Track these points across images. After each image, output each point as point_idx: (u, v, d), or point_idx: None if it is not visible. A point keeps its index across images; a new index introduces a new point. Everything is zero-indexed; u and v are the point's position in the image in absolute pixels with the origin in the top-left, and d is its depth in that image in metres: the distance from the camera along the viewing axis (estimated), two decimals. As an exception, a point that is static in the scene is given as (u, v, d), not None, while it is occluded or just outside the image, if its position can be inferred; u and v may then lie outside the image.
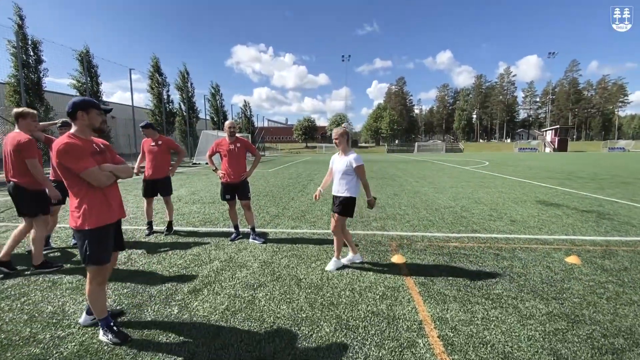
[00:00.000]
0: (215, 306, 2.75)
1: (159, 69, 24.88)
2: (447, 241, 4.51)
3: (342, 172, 3.50)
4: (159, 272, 3.47)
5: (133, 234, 4.97)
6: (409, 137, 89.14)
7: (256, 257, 3.90)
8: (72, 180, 2.11)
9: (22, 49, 13.82)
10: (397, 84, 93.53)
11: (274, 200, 7.72)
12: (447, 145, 62.62)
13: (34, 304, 2.80)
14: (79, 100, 2.18)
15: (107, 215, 2.21)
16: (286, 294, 2.95)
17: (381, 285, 3.12)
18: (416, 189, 9.52)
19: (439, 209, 6.63)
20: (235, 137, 4.54)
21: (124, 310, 2.68)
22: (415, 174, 14.16)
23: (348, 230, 3.78)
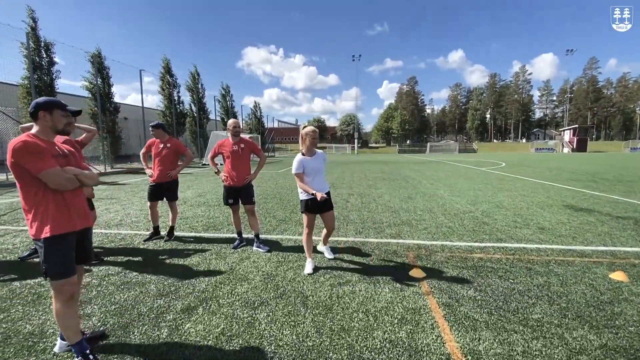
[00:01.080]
0: (210, 329, 2.41)
1: (169, 70, 24.98)
2: (470, 252, 4.07)
3: (323, 170, 3.61)
4: (152, 285, 3.16)
5: (132, 240, 4.71)
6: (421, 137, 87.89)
7: (259, 269, 3.56)
8: (27, 183, 1.90)
9: (35, 51, 13.94)
10: (409, 84, 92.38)
11: (281, 203, 7.39)
12: (460, 146, 61.26)
13: (12, 322, 2.52)
14: (42, 100, 2.01)
15: (65, 222, 1.97)
16: (290, 315, 2.59)
17: (399, 306, 2.72)
18: (431, 191, 9.04)
19: (458, 214, 6.16)
20: (239, 138, 4.24)
21: (107, 332, 2.37)
22: (429, 176, 13.62)
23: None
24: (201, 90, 29.01)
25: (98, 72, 17.71)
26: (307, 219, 3.54)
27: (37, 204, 1.92)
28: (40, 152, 1.88)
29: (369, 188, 9.81)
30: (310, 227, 3.58)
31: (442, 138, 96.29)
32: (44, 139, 1.98)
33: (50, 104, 2.01)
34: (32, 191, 1.91)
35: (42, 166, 1.86)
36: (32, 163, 1.84)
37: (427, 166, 20.10)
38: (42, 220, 1.92)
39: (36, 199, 1.92)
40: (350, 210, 6.54)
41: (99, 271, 3.54)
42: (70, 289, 2.00)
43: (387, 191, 9.12)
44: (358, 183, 11.05)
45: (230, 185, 4.20)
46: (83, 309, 2.70)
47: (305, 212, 3.51)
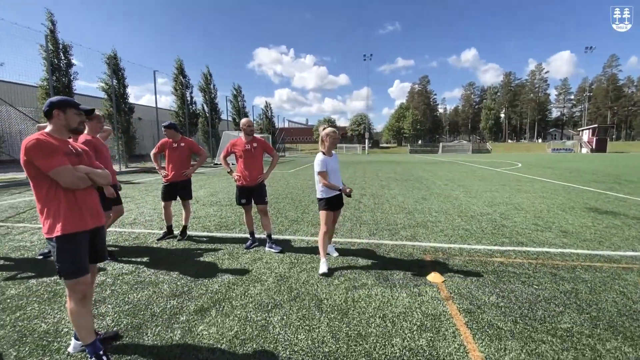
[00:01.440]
0: (223, 332, 2.36)
1: (182, 71, 25.31)
2: (490, 255, 3.91)
3: (339, 170, 3.72)
4: (165, 285, 3.14)
5: (146, 239, 4.73)
6: (433, 137, 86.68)
7: (272, 270, 3.50)
8: (39, 182, 1.90)
9: (54, 53, 14.31)
10: (421, 83, 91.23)
11: (293, 203, 7.33)
12: (474, 146, 60.17)
13: (28, 320, 2.53)
14: (56, 99, 2.03)
15: (77, 221, 1.96)
16: (305, 319, 2.52)
17: (418, 312, 2.61)
18: (446, 192, 8.83)
19: (475, 216, 5.97)
20: (252, 137, 4.18)
21: (120, 332, 2.35)
22: (442, 176, 13.35)
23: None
24: (213, 91, 29.31)
25: (114, 73, 18.08)
26: (326, 218, 3.55)
27: (49, 203, 1.92)
28: (52, 150, 1.87)
29: (381, 189, 9.67)
30: (328, 226, 3.61)
31: (454, 138, 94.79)
32: (57, 137, 1.99)
33: (64, 102, 2.02)
34: (43, 189, 1.91)
35: (53, 164, 1.85)
36: (44, 161, 1.83)
37: (440, 167, 19.75)
38: (54, 218, 1.91)
39: (48, 198, 1.91)
40: (363, 211, 6.43)
41: (113, 270, 3.55)
42: (83, 288, 1.98)
43: (401, 192, 8.96)
44: (370, 183, 10.91)
45: (243, 185, 4.15)
46: (97, 308, 2.69)
47: (324, 210, 3.54)
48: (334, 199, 3.61)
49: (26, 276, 3.38)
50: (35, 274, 3.41)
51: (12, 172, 14.14)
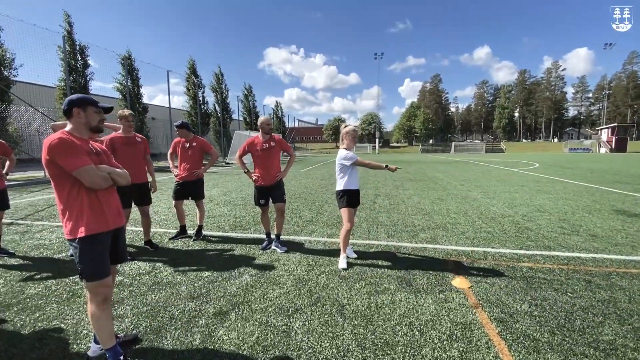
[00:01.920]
0: (244, 337, 2.28)
1: (195, 71, 25.56)
2: (517, 260, 3.73)
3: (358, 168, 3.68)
4: (183, 286, 3.09)
5: (161, 238, 4.71)
6: (445, 136, 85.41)
7: (290, 272, 3.41)
8: (62, 182, 1.85)
9: (71, 54, 14.60)
10: (432, 82, 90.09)
11: (307, 203, 7.24)
12: (487, 145, 59.05)
13: (47, 321, 2.50)
14: (76, 97, 1.97)
15: (99, 222, 1.91)
16: (328, 326, 2.42)
17: (446, 320, 2.48)
18: (463, 193, 8.60)
19: (496, 217, 5.76)
20: (270, 135, 4.09)
21: (140, 336, 2.29)
22: (458, 176, 13.06)
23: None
24: (225, 91, 29.53)
25: (128, 73, 18.35)
26: (349, 214, 3.55)
27: (71, 203, 1.87)
28: (76, 150, 1.83)
29: (395, 189, 9.49)
30: (352, 223, 3.60)
31: (466, 137, 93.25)
32: (78, 136, 1.95)
33: (84, 100, 1.98)
34: (65, 190, 1.86)
35: (78, 164, 1.81)
36: (68, 160, 1.79)
37: (454, 166, 19.38)
38: (76, 219, 1.87)
39: (70, 198, 1.87)
40: (379, 212, 6.29)
41: (130, 270, 3.52)
42: (105, 291, 1.93)
43: (416, 192, 8.77)
44: (383, 183, 10.74)
45: (262, 184, 4.07)
46: (115, 310, 2.65)
47: (347, 207, 3.54)
48: (355, 194, 3.61)
49: (45, 276, 3.38)
50: (54, 274, 3.41)
51: (31, 171, 14.50)
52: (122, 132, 3.98)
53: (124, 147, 3.90)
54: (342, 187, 3.59)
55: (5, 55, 11.50)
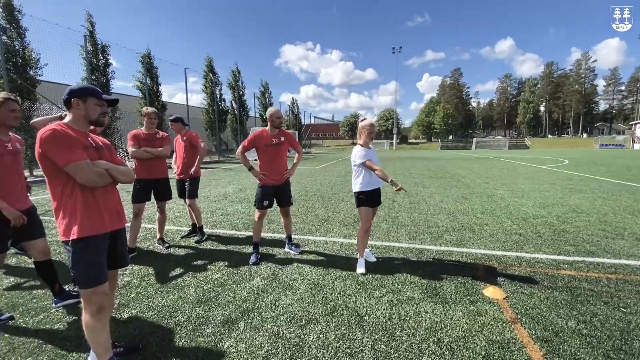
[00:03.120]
0: (253, 350, 2.07)
1: (212, 68, 25.73)
2: (557, 267, 3.35)
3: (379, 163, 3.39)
4: (192, 289, 2.92)
5: (174, 236, 4.60)
6: (465, 132, 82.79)
7: (304, 276, 3.19)
8: (54, 178, 1.70)
9: (93, 53, 14.94)
10: (452, 76, 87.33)
11: (322, 201, 7.00)
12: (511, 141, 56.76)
13: (50, 324, 2.39)
14: (76, 86, 1.80)
15: (95, 223, 1.74)
16: (345, 339, 2.17)
17: (480, 337, 2.18)
18: (488, 191, 8.10)
19: (527, 218, 5.32)
20: (279, 130, 3.72)
21: (141, 345, 2.13)
22: (481, 174, 12.45)
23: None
24: (241, 88, 29.63)
25: (147, 71, 18.65)
26: (366, 214, 3.30)
27: (64, 202, 1.71)
28: (69, 143, 1.67)
29: (415, 186, 9.09)
30: (370, 224, 3.35)
31: (488, 133, 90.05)
32: (75, 129, 1.78)
33: (85, 91, 1.80)
34: (59, 187, 1.71)
35: (69, 158, 1.64)
36: (59, 154, 1.63)
37: (476, 163, 18.60)
38: (69, 219, 1.71)
39: (63, 196, 1.71)
40: (399, 211, 5.97)
41: (140, 269, 3.40)
42: (100, 299, 1.75)
43: (438, 190, 8.35)
44: (402, 181, 10.34)
45: (269, 184, 3.67)
46: (120, 313, 2.51)
47: (365, 207, 3.29)
48: (374, 193, 3.36)
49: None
50: (63, 275, 3.33)
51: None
52: (145, 129, 3.93)
53: (146, 143, 3.85)
54: (358, 188, 3.30)
55: (30, 55, 11.88)
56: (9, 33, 11.48)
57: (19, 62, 11.74)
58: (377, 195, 3.41)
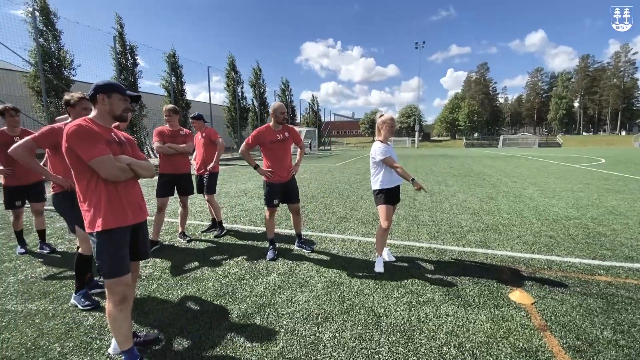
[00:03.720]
0: (268, 347, 2.06)
1: (234, 67, 26.17)
2: (591, 272, 3.12)
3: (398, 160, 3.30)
4: (210, 283, 2.97)
5: (195, 230, 4.71)
6: (491, 129, 79.67)
7: (321, 274, 3.15)
8: (80, 172, 1.75)
9: (122, 53, 15.59)
10: (478, 71, 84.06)
11: (341, 199, 6.94)
12: (541, 139, 54.07)
13: (76, 312, 2.50)
14: (102, 82, 1.85)
15: (117, 216, 1.79)
16: (362, 340, 2.12)
17: (505, 344, 2.06)
18: (515, 191, 7.73)
19: (559, 220, 5.02)
20: (282, 125, 3.59)
21: (160, 336, 2.17)
22: (508, 172, 11.91)
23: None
24: (262, 86, 29.95)
25: (172, 70, 19.23)
26: (386, 212, 3.20)
27: (89, 195, 1.77)
28: (93, 138, 1.72)
29: (437, 185, 8.83)
30: (389, 222, 3.25)
31: (516, 130, 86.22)
32: (100, 124, 1.83)
33: (109, 86, 1.85)
34: (84, 180, 1.77)
35: (93, 153, 1.69)
36: (84, 149, 1.68)
37: (503, 161, 17.84)
38: (94, 212, 1.76)
39: (88, 190, 1.77)
40: (420, 210, 5.81)
41: (161, 262, 3.50)
42: (123, 290, 1.80)
43: (461, 189, 8.07)
44: (424, 179, 10.09)
45: (276, 181, 3.58)
46: (142, 305, 2.58)
47: (384, 205, 3.20)
48: (394, 191, 3.27)
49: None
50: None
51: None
52: (168, 126, 4.05)
53: (169, 140, 3.98)
54: (378, 186, 3.21)
55: (65, 56, 12.56)
56: (46, 36, 12.17)
57: (54, 63, 12.42)
58: (396, 193, 3.31)
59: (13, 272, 3.25)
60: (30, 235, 4.38)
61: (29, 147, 2.46)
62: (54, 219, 5.24)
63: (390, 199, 3.24)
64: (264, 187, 3.68)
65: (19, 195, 3.63)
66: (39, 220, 3.86)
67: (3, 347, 2.06)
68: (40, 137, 2.50)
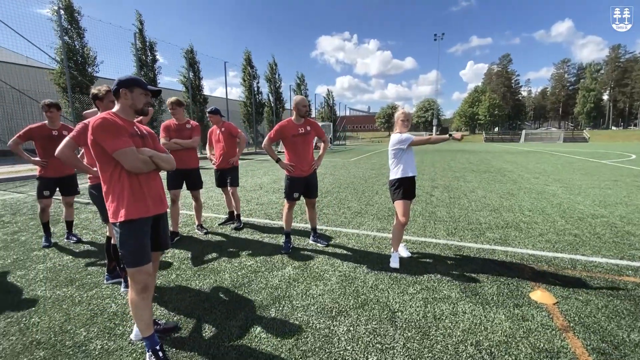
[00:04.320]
0: (283, 337, 2.09)
1: (250, 62, 26.31)
2: (619, 273, 2.98)
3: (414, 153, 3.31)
4: (226, 275, 3.03)
5: (212, 223, 4.81)
6: (513, 124, 76.98)
7: (335, 268, 3.16)
8: (104, 164, 1.81)
9: (142, 50, 15.96)
10: (500, 63, 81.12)
11: (355, 194, 6.91)
12: (566, 134, 51.83)
13: (101, 299, 2.60)
14: (125, 77, 1.91)
15: (140, 207, 1.85)
16: (376, 334, 2.11)
17: (525, 344, 2.00)
18: (538, 187, 7.46)
19: (584, 217, 4.81)
20: (304, 119, 3.60)
21: (180, 325, 2.24)
22: (530, 168, 11.50)
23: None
24: (278, 80, 30.00)
25: (190, 66, 19.54)
26: (404, 207, 3.17)
27: (113, 186, 1.83)
28: (117, 130, 1.78)
29: (455, 180, 8.63)
30: (406, 217, 3.19)
31: (540, 125, 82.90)
32: (123, 117, 1.89)
33: (132, 81, 1.90)
34: (108, 172, 1.82)
35: (117, 145, 1.75)
36: (108, 141, 1.74)
37: (525, 157, 17.24)
38: (117, 203, 1.82)
39: (112, 180, 1.83)
40: (437, 205, 5.70)
41: (180, 253, 3.59)
42: (144, 278, 1.87)
43: (480, 185, 7.86)
44: (441, 174, 9.88)
45: (297, 175, 3.60)
46: (162, 294, 2.67)
47: (401, 200, 3.17)
48: (411, 182, 3.22)
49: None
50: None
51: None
52: (175, 119, 4.08)
53: (176, 134, 4.01)
54: (399, 174, 3.19)
55: (89, 53, 12.98)
56: (70, 34, 12.60)
57: (79, 61, 12.86)
58: (413, 187, 3.26)
59: (42, 260, 3.42)
60: (57, 225, 4.59)
61: (71, 147, 2.56)
62: (80, 210, 5.48)
63: (408, 193, 3.20)
64: (285, 180, 3.70)
65: (51, 186, 3.82)
66: (69, 212, 4.04)
67: (33, 331, 2.18)
68: (77, 136, 2.58)
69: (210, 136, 4.67)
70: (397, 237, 3.24)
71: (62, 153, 2.51)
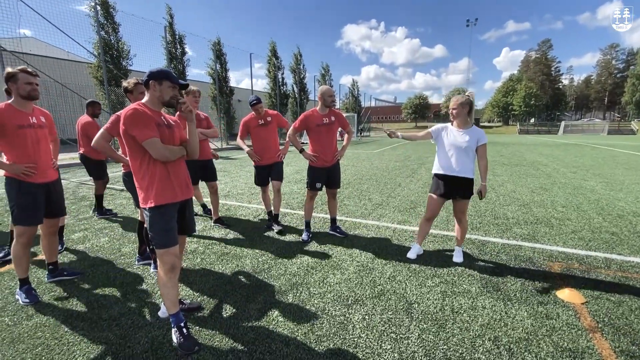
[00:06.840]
0: (299, 322, 2.16)
1: (275, 53, 26.42)
2: (660, 275, 2.78)
3: (464, 148, 2.88)
4: (248, 260, 3.14)
5: (236, 211, 4.97)
6: (551, 114, 72.17)
7: (353, 258, 3.18)
8: (134, 152, 1.91)
9: (172, 43, 16.48)
10: (539, 49, 75.69)
11: (377, 186, 6.84)
12: (611, 126, 47.93)
13: (133, 277, 2.80)
14: (155, 69, 1.99)
15: (167, 193, 1.96)
16: (391, 324, 2.12)
17: (547, 342, 1.93)
18: (575, 182, 7.02)
19: (625, 215, 4.49)
20: (329, 109, 3.58)
21: (203, 305, 2.37)
22: (568, 162, 10.80)
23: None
24: (302, 71, 29.96)
25: (217, 58, 19.95)
26: (429, 201, 3.11)
27: (142, 173, 1.95)
28: (147, 121, 1.88)
29: (483, 173, 8.30)
30: (432, 213, 3.10)
31: (582, 116, 77.21)
32: (151, 108, 1.98)
33: (162, 74, 1.98)
34: (138, 160, 1.94)
35: (146, 134, 1.85)
36: (139, 131, 1.84)
37: (563, 150, 16.19)
38: (147, 189, 1.94)
39: (142, 168, 1.94)
40: (461, 198, 5.52)
41: (205, 239, 3.76)
42: (171, 259, 1.99)
43: (510, 179, 7.51)
44: (468, 167, 9.52)
45: (320, 165, 3.60)
46: (187, 276, 2.82)
47: (431, 194, 3.08)
48: (449, 181, 2.94)
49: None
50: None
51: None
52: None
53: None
54: (433, 169, 3.11)
55: (123, 47, 13.61)
56: (106, 28, 13.24)
57: (114, 54, 13.53)
58: (448, 185, 2.96)
59: (82, 241, 3.71)
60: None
61: (105, 138, 2.73)
62: (115, 196, 5.85)
63: (441, 190, 2.98)
64: (307, 170, 3.74)
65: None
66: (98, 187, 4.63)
67: (73, 304, 2.40)
68: (111, 127, 2.73)
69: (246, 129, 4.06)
70: (420, 229, 3.20)
71: (97, 143, 2.68)
